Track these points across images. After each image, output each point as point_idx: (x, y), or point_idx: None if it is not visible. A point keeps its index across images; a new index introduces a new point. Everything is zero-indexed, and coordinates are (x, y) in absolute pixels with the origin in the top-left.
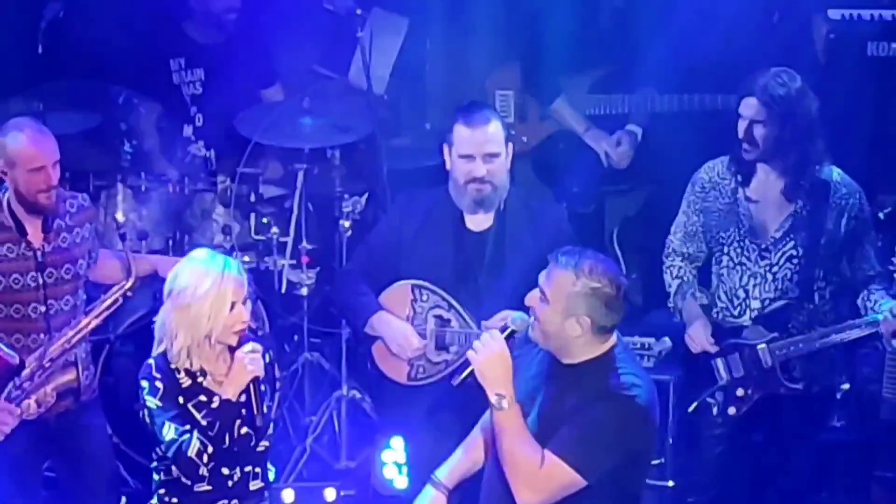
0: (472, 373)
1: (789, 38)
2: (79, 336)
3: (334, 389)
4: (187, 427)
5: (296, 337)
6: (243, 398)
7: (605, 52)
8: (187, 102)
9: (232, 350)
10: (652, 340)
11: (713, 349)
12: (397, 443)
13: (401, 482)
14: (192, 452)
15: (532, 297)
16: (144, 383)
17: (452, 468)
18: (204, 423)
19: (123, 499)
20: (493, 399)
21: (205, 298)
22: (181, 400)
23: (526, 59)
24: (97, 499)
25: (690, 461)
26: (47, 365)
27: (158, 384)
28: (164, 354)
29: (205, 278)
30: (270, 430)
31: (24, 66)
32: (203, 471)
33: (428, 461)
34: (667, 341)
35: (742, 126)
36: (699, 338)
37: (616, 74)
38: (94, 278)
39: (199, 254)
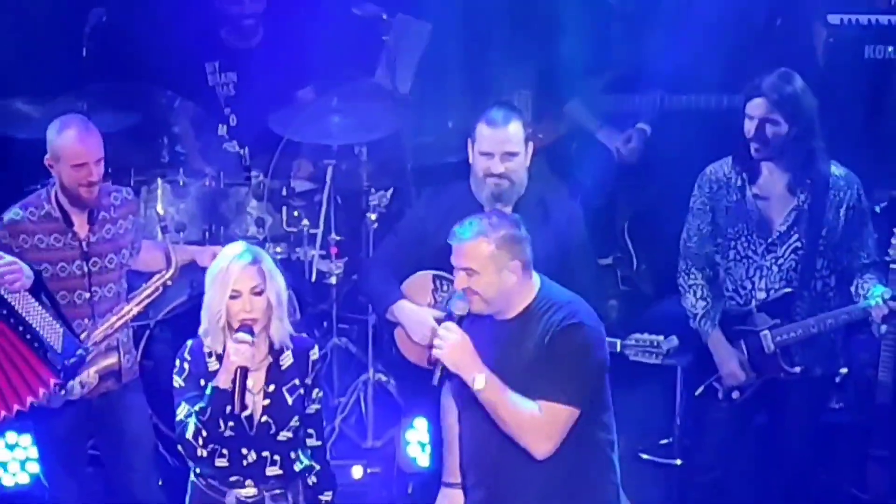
0: (444, 368)
1: (791, 41)
2: (121, 322)
3: (361, 373)
4: (196, 408)
5: (325, 323)
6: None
7: (617, 55)
8: (221, 103)
9: (275, 355)
10: (661, 339)
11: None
12: (421, 423)
13: (424, 460)
14: (189, 435)
15: (460, 280)
16: (177, 362)
17: (452, 464)
18: (196, 408)
19: (160, 481)
20: (471, 382)
21: (212, 283)
22: (203, 382)
23: (542, 62)
24: (138, 475)
25: (697, 442)
26: (91, 349)
27: (186, 365)
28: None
29: (216, 265)
30: (295, 423)
31: (69, 69)
32: (201, 452)
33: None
34: (674, 339)
35: (751, 126)
36: (735, 377)
37: (627, 76)
38: (135, 267)
39: (231, 244)
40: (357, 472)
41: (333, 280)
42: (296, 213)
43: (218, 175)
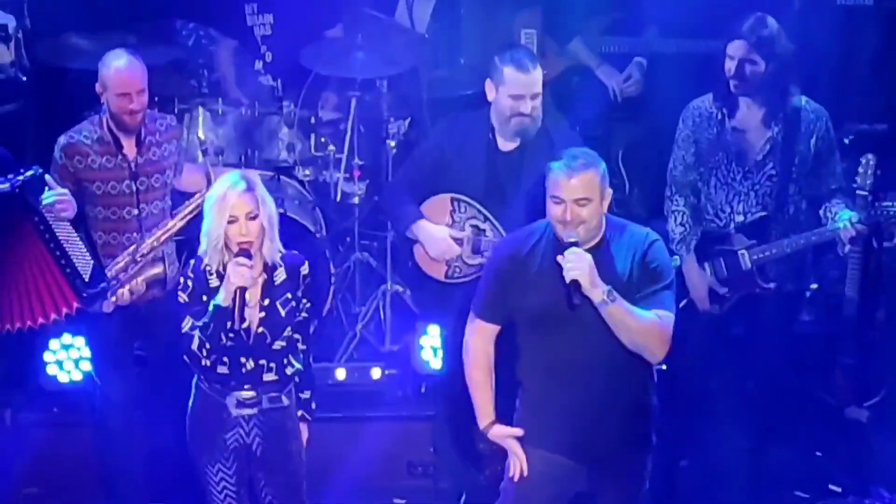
0: (579, 287)
1: None
2: (166, 235)
3: (381, 284)
4: (199, 323)
5: (348, 239)
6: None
7: (615, 0)
8: (258, 42)
9: (266, 263)
10: (674, 259)
11: (712, 306)
12: (434, 330)
13: (436, 363)
14: (194, 347)
15: (574, 213)
16: (180, 280)
17: (487, 408)
18: (200, 323)
19: None
20: (604, 297)
21: (210, 210)
22: (205, 298)
23: (547, 3)
24: (179, 374)
25: (681, 350)
26: (139, 259)
27: (189, 283)
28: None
29: (214, 193)
30: (288, 332)
31: (121, 7)
32: (205, 362)
33: (459, 346)
34: (677, 259)
35: (732, 65)
36: (703, 301)
37: (624, 19)
38: (179, 187)
39: (227, 174)
40: (376, 373)
41: (356, 200)
42: (323, 140)
43: (253, 105)
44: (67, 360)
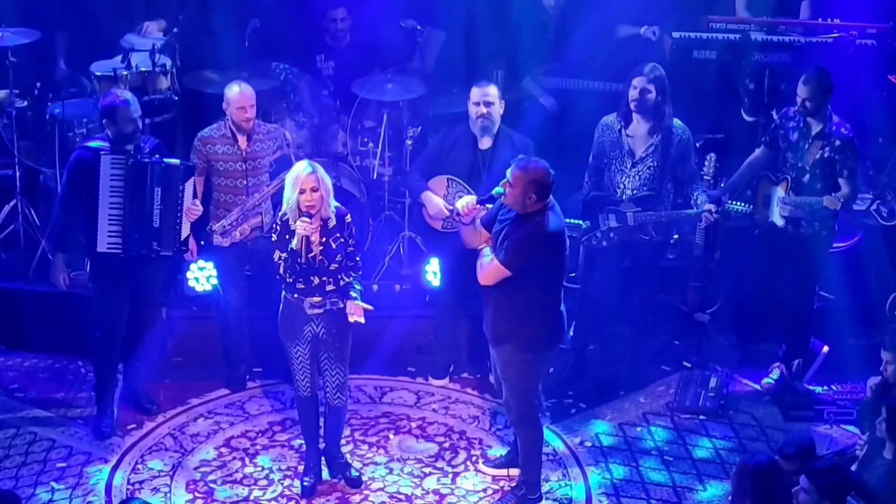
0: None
1: (653, 48)
2: (263, 197)
3: (400, 231)
4: (284, 255)
5: (380, 203)
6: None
7: (552, 52)
8: (325, 78)
9: (325, 222)
10: (582, 222)
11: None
12: (434, 261)
13: (436, 282)
14: (280, 271)
15: (504, 184)
16: (273, 225)
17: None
18: (283, 255)
19: None
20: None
21: (289, 184)
22: (287, 237)
23: (509, 54)
24: (272, 287)
25: (590, 274)
26: (246, 213)
27: (278, 227)
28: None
29: (291, 173)
30: (339, 259)
31: (238, 52)
32: (288, 278)
33: (450, 271)
34: (589, 223)
35: (634, 93)
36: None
37: (557, 66)
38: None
39: (301, 162)
40: (397, 288)
41: (386, 178)
42: (365, 139)
43: (322, 117)
44: (202, 276)
